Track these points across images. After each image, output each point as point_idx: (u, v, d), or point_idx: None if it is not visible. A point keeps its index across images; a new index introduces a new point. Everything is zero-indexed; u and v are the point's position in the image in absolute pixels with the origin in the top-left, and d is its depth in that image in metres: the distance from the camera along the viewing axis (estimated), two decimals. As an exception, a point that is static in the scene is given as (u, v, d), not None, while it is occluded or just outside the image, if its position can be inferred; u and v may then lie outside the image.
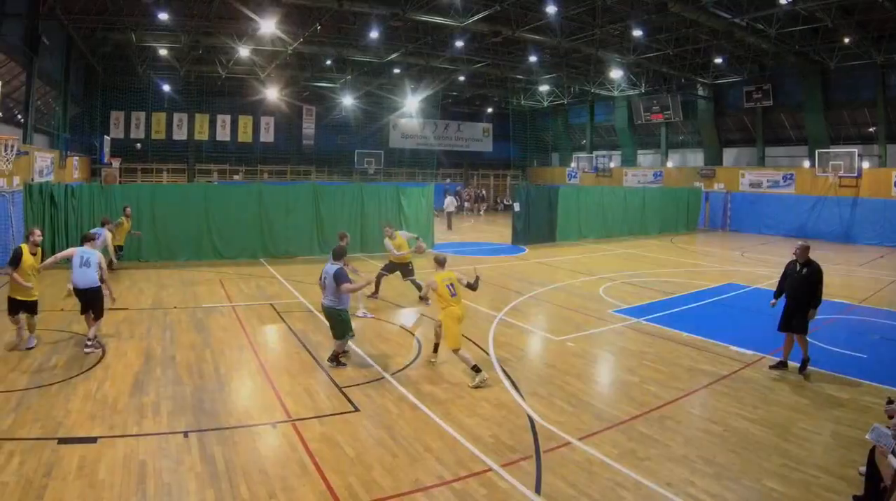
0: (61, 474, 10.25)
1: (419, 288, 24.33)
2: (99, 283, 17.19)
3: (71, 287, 17.98)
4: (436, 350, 17.45)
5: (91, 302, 17.19)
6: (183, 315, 21.68)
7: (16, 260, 16.60)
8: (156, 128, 70.07)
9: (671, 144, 71.65)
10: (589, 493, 10.11)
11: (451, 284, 16.66)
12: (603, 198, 50.02)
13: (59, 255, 18.02)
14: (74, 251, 17.41)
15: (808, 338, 16.59)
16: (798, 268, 16.33)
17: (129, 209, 30.20)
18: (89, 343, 16.93)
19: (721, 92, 63.12)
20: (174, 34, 48.67)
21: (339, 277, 15.56)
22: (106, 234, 25.78)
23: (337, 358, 16.43)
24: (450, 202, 58.99)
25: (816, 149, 53.12)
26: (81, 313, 17.50)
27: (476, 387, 15.08)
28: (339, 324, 16.13)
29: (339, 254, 16.37)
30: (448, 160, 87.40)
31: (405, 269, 24.93)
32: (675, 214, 55.89)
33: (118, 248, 29.13)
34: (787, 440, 12.36)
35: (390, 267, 25.10)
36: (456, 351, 15.76)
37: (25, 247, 16.95)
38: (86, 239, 18.04)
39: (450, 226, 55.64)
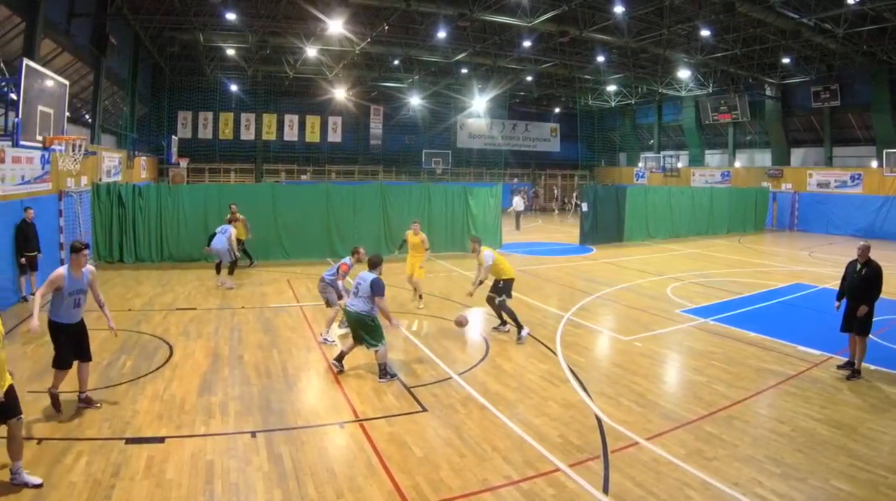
0: (129, 474, 10.35)
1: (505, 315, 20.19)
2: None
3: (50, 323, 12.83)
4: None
5: (84, 339, 13.29)
6: (250, 315, 21.86)
7: None
8: (223, 129, 70.77)
9: (739, 144, 71.02)
10: (656, 493, 10.05)
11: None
12: (671, 198, 49.57)
13: (46, 289, 12.51)
14: (62, 273, 12.59)
15: (872, 339, 16.36)
16: (858, 269, 16.15)
17: (234, 206, 30.17)
18: (84, 396, 13.29)
19: (788, 92, 62.38)
20: (241, 34, 49.16)
21: (377, 287, 15.39)
22: (232, 231, 25.97)
23: (387, 371, 15.50)
24: (518, 202, 57.02)
25: (884, 149, 52.17)
26: (67, 365, 12.92)
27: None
28: (372, 330, 15.54)
29: (375, 264, 16.23)
30: (515, 160, 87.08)
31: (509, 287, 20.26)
32: (742, 214, 55.19)
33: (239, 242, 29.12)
34: (855, 440, 12.20)
35: (498, 289, 20.03)
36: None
37: None
38: (74, 249, 13.16)
39: (517, 227, 54.35)
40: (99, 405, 13.38)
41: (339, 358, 16.20)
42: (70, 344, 12.84)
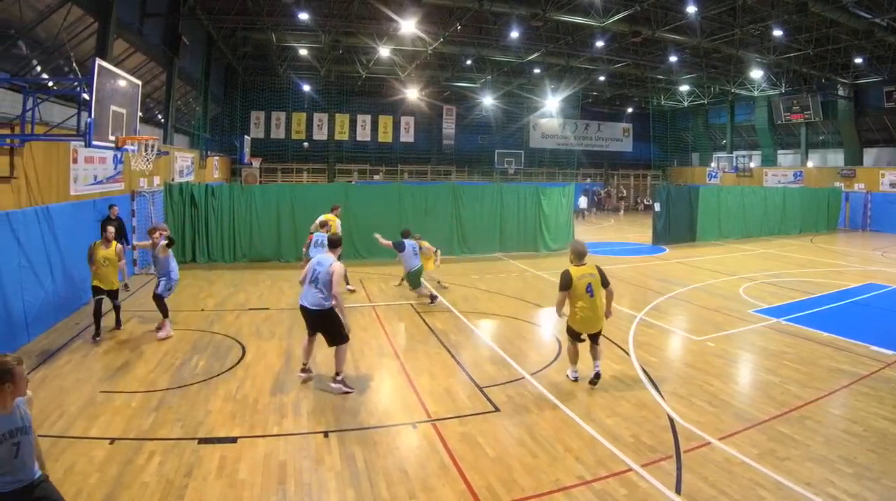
0: (202, 474, 10.48)
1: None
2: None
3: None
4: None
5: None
6: (324, 315, 21.83)
7: None
8: (296, 129, 71.38)
9: (811, 144, 70.02)
10: (729, 493, 10.00)
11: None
12: (743, 198, 49.15)
13: (341, 283, 15.70)
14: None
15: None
16: None
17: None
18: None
19: (861, 92, 61.36)
20: (314, 34, 49.56)
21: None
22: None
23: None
24: (582, 200, 64.94)
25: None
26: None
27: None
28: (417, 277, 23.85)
29: (409, 234, 24.43)
30: (588, 160, 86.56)
31: None
32: (815, 214, 54.48)
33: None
34: (929, 440, 12.08)
35: None
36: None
37: None
38: (333, 245, 16.43)
39: (582, 217, 62.66)
40: (352, 389, 14.74)
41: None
42: None
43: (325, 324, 14.90)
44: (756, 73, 60.90)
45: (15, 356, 7.23)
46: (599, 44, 50.86)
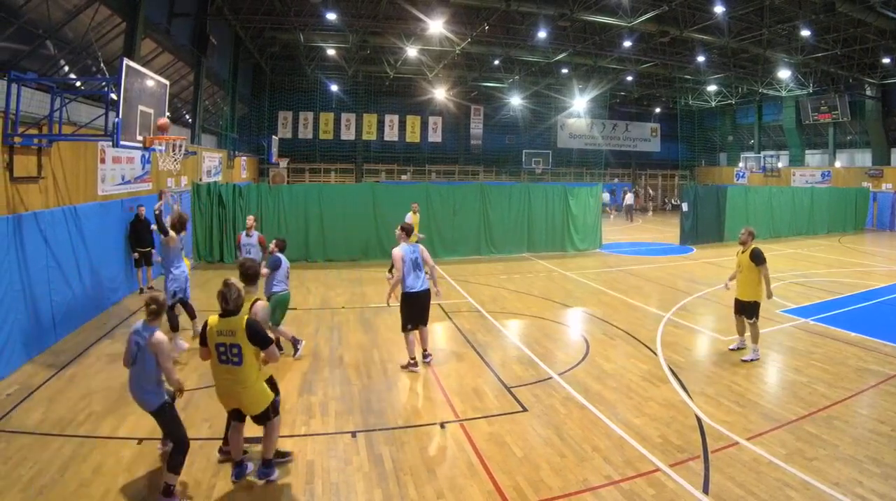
0: (229, 473, 10.52)
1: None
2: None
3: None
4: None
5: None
6: (351, 315, 21.96)
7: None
8: (324, 129, 71.53)
9: (839, 144, 69.59)
10: (756, 493, 9.97)
11: None
12: (771, 198, 48.88)
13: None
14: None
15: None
16: None
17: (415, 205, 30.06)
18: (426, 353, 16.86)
19: (889, 92, 60.93)
20: (342, 34, 49.66)
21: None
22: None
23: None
24: (629, 197, 68.18)
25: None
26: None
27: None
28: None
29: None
30: (616, 160, 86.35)
31: None
32: (842, 214, 54.22)
33: None
34: (958, 441, 11.97)
35: None
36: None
37: None
38: (409, 233, 16.54)
39: (630, 219, 65.77)
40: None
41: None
42: None
43: (429, 301, 16.48)
44: (784, 73, 60.59)
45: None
46: (627, 44, 50.70)
